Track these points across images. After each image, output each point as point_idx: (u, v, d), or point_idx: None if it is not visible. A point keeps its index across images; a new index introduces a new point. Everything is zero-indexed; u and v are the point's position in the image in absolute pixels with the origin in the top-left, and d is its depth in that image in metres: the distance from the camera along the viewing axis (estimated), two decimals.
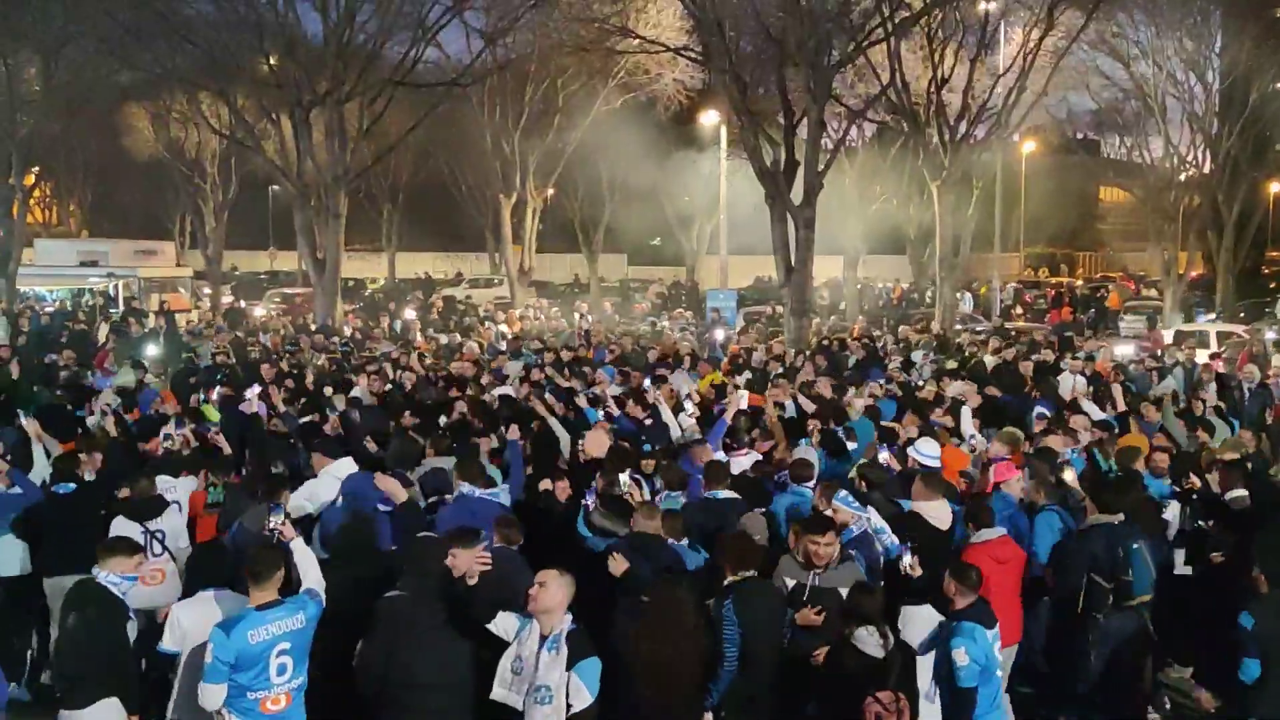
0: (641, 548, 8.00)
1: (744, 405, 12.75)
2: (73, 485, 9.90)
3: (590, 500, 9.04)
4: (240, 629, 6.36)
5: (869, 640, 6.84)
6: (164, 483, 9.83)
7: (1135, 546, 8.55)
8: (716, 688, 7.15)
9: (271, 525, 7.28)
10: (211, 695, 6.37)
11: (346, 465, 9.78)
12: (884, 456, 11.16)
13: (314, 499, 9.44)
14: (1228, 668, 7.50)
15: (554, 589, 6.45)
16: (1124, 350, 23.63)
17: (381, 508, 8.75)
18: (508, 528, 8.17)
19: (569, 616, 6.47)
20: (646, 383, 14.75)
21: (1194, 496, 10.24)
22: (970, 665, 7.11)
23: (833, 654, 7.03)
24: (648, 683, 6.67)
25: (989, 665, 7.20)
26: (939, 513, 8.94)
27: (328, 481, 9.59)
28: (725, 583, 7.47)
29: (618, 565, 7.59)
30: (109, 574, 7.12)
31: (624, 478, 9.58)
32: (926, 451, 10.67)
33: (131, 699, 7.06)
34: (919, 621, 7.83)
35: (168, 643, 6.85)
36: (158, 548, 9.06)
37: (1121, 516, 8.78)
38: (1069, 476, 10.11)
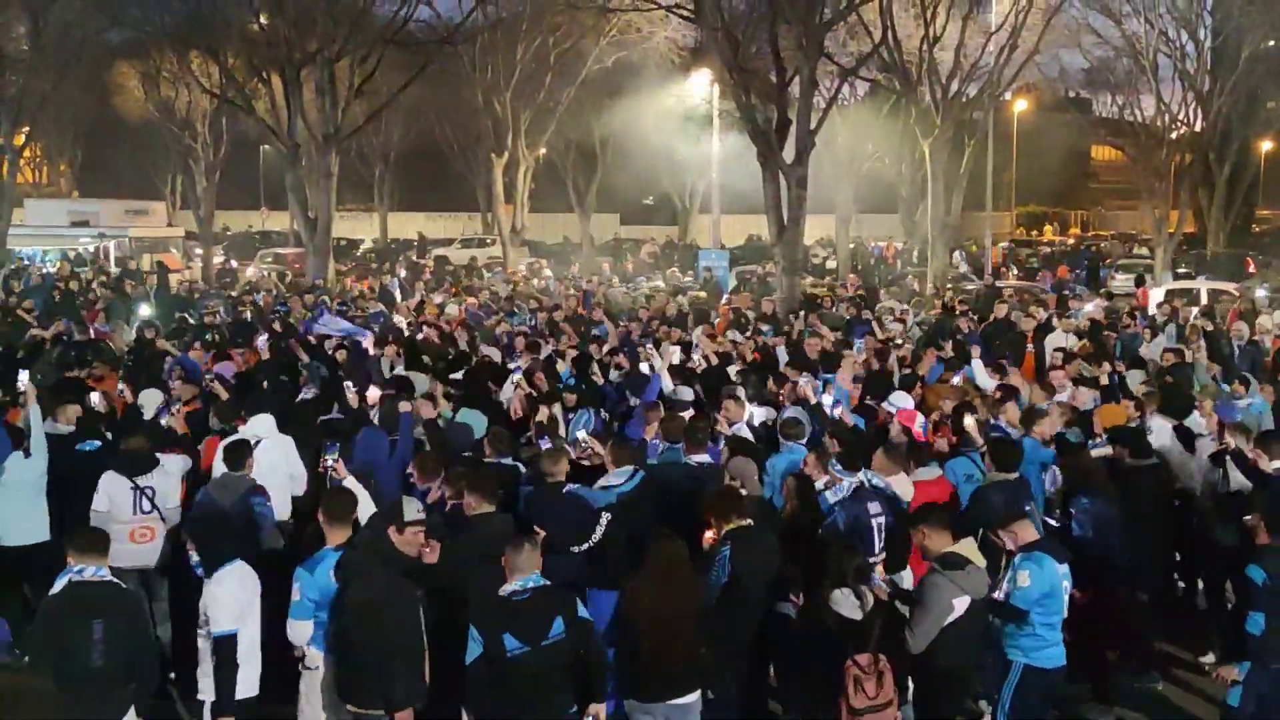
0: (542, 496, 8.15)
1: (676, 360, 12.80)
2: (98, 443, 9.96)
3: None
4: (323, 568, 6.64)
5: (844, 602, 6.83)
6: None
7: (1028, 509, 8.43)
8: None
9: (327, 464, 7.39)
10: (299, 630, 6.67)
11: (263, 422, 9.51)
12: (828, 402, 10.91)
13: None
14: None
15: (509, 556, 6.45)
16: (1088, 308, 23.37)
17: None
18: (499, 442, 8.26)
19: (529, 579, 6.33)
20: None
21: (1226, 457, 9.68)
22: (1029, 589, 6.96)
23: (810, 616, 7.03)
24: (648, 634, 6.73)
25: (1050, 596, 7.02)
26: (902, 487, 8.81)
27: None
28: (723, 532, 7.44)
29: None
30: (98, 568, 6.61)
31: (582, 434, 9.62)
32: (900, 404, 10.67)
33: (147, 692, 6.81)
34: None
35: (225, 625, 6.47)
36: (147, 505, 8.77)
37: (1017, 475, 8.81)
38: (969, 423, 9.99)
